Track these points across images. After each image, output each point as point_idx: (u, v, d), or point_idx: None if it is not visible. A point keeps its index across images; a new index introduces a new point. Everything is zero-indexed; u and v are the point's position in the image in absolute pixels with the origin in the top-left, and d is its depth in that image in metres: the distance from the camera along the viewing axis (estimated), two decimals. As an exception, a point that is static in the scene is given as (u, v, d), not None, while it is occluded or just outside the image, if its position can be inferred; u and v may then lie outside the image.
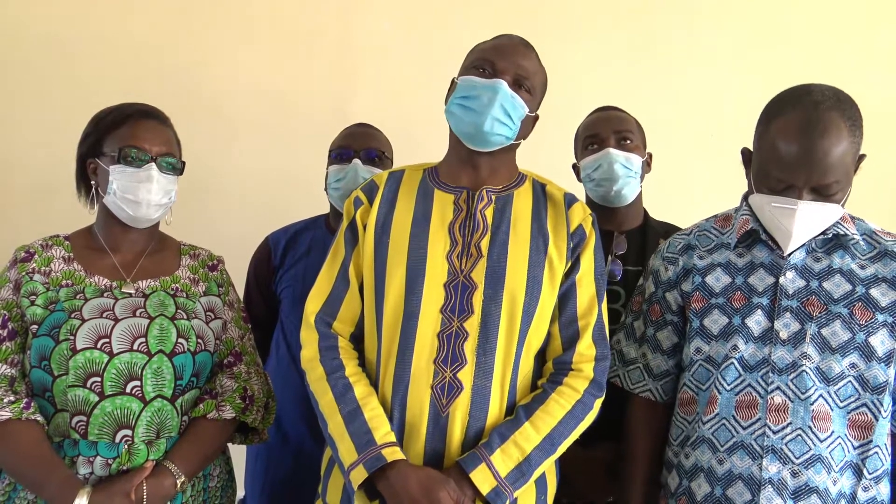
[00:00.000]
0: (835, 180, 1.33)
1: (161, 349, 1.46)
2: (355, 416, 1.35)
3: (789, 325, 1.40)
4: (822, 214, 1.37)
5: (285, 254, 1.96)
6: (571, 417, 1.39)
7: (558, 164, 1.96)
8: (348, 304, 1.47)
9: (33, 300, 1.46)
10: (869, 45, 2.70)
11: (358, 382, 1.40)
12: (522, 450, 1.35)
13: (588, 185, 1.87)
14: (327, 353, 1.43)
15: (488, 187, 1.49)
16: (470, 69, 1.47)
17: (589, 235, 1.49)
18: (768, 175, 1.37)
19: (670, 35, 2.69)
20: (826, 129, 1.30)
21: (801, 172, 1.33)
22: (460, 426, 1.36)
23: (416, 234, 1.44)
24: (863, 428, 1.37)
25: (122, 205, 1.51)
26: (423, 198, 1.49)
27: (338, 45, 2.54)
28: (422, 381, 1.37)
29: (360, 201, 1.51)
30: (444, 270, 1.41)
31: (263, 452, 1.93)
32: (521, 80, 1.45)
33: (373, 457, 1.31)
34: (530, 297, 1.41)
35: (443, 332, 1.39)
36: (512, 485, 1.33)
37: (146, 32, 2.41)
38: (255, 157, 2.46)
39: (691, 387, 1.49)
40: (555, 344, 1.47)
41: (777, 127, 1.36)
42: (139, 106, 1.57)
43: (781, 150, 1.34)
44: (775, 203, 1.37)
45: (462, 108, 1.44)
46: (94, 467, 1.40)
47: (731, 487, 1.38)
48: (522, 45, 1.49)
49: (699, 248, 1.54)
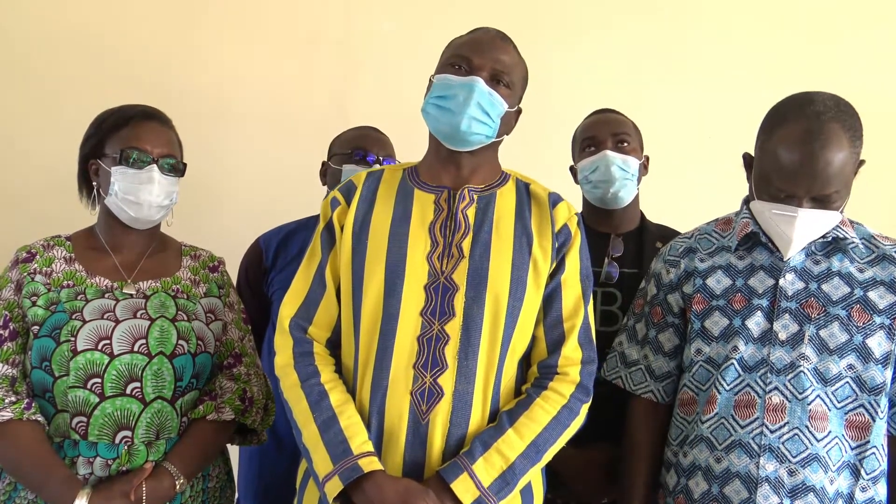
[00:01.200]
0: (835, 190, 1.34)
1: (161, 351, 1.46)
2: (330, 425, 1.29)
3: (788, 327, 1.41)
4: (822, 222, 1.39)
5: (277, 255, 1.93)
6: (557, 424, 1.34)
7: (563, 166, 1.97)
8: (325, 308, 1.41)
9: (35, 301, 1.46)
10: (869, 46, 2.70)
11: (334, 389, 1.35)
12: (506, 458, 1.29)
13: (585, 186, 1.88)
14: (302, 360, 1.37)
15: (470, 186, 1.43)
16: (445, 66, 1.41)
17: (574, 235, 1.44)
18: (770, 183, 1.39)
19: (671, 37, 2.69)
20: (828, 140, 1.31)
21: (802, 183, 1.34)
22: (441, 434, 1.31)
23: (396, 235, 1.39)
24: (860, 428, 1.38)
25: (123, 206, 1.51)
26: (403, 198, 1.44)
27: (338, 46, 2.54)
28: (400, 386, 1.31)
29: (338, 202, 1.45)
30: (425, 272, 1.36)
31: (257, 456, 1.91)
32: (499, 76, 1.39)
33: (348, 467, 1.25)
34: (514, 298, 1.36)
35: (423, 336, 1.33)
36: (496, 495, 1.27)
37: (147, 33, 2.41)
38: (256, 157, 2.45)
39: (691, 387, 1.50)
40: (539, 347, 1.41)
41: (779, 137, 1.37)
42: (141, 107, 1.57)
43: (783, 161, 1.35)
44: (776, 210, 1.39)
45: (438, 109, 1.39)
46: (93, 468, 1.40)
47: (729, 485, 1.39)
48: (499, 38, 1.43)
49: (700, 251, 1.55)
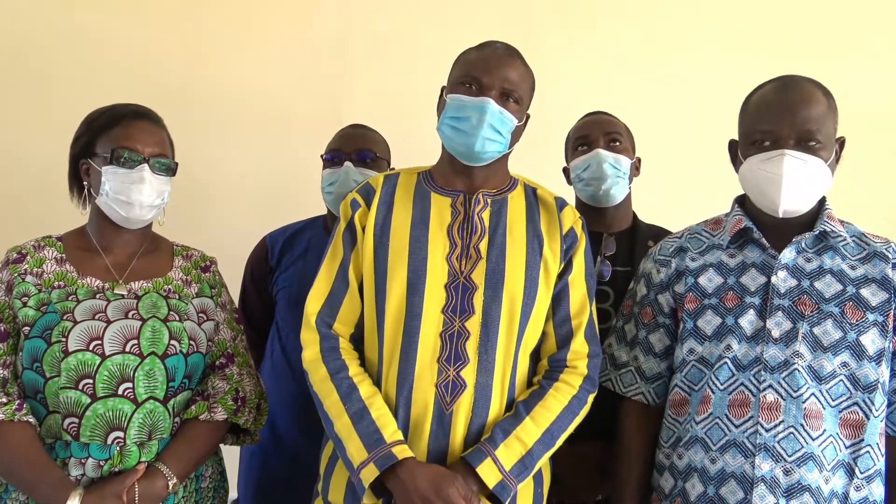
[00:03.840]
0: (816, 129, 1.39)
1: (153, 351, 1.45)
2: (362, 416, 1.37)
3: (781, 324, 1.41)
4: (809, 170, 1.39)
5: (282, 254, 1.95)
6: (569, 412, 1.44)
7: (554, 166, 1.98)
8: (348, 304, 1.49)
9: (25, 301, 1.45)
10: (869, 50, 2.70)
11: (362, 382, 1.43)
12: (524, 444, 1.39)
13: (577, 185, 1.90)
14: (329, 354, 1.45)
15: (484, 191, 1.52)
16: (457, 86, 1.49)
17: (580, 238, 1.54)
18: (753, 132, 1.44)
19: (668, 38, 2.69)
20: (803, 87, 1.42)
21: (784, 120, 1.40)
22: (463, 423, 1.40)
23: (416, 237, 1.47)
24: (854, 427, 1.37)
25: (114, 206, 1.50)
26: (421, 201, 1.52)
27: (334, 46, 2.53)
28: (426, 379, 1.40)
29: (358, 204, 1.53)
30: (445, 272, 1.45)
31: (257, 454, 1.92)
32: (509, 93, 1.47)
33: (383, 455, 1.33)
34: (528, 297, 1.45)
35: (445, 332, 1.42)
36: (516, 477, 1.37)
37: (141, 33, 2.40)
38: (250, 157, 2.45)
39: (683, 388, 1.49)
40: (549, 342, 1.51)
41: (757, 95, 1.47)
42: (132, 107, 1.56)
43: (763, 104, 1.44)
44: (763, 157, 1.41)
45: (453, 130, 1.47)
46: (85, 469, 1.39)
47: (724, 486, 1.38)
48: (507, 54, 1.49)
49: (691, 250, 1.55)
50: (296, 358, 1.78)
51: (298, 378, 1.79)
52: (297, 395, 1.80)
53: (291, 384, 1.84)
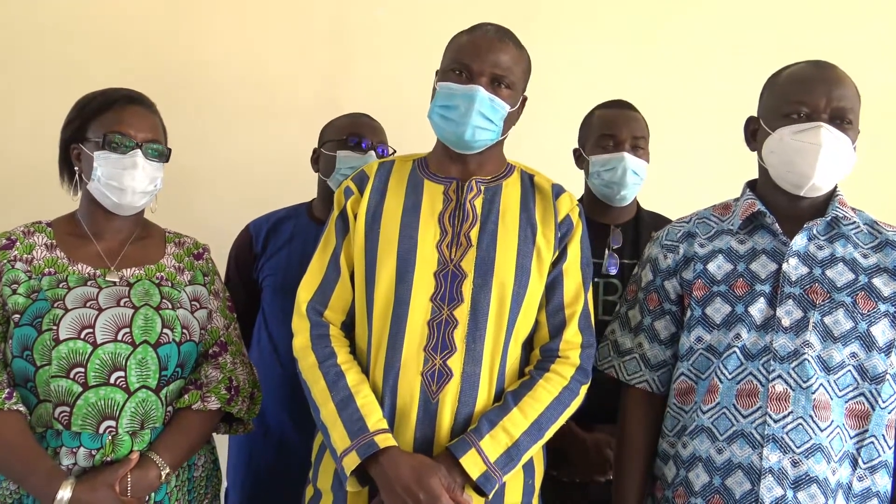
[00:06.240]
0: (850, 107, 1.38)
1: (146, 339, 1.44)
2: (347, 404, 1.37)
3: (791, 313, 1.38)
4: (841, 146, 1.38)
5: (267, 241, 1.95)
6: (559, 403, 1.42)
7: (557, 153, 1.96)
8: (339, 292, 1.48)
9: (15, 289, 1.43)
10: (873, 40, 2.68)
11: (350, 370, 1.42)
12: (511, 435, 1.37)
13: (595, 180, 1.89)
14: (319, 342, 1.45)
15: (477, 178, 1.50)
16: (447, 73, 1.46)
17: (576, 226, 1.51)
18: (786, 104, 1.41)
19: (671, 26, 2.67)
20: (836, 68, 1.42)
21: (821, 93, 1.38)
22: (450, 412, 1.39)
23: (407, 224, 1.46)
24: (859, 417, 1.36)
25: (106, 192, 1.48)
26: (413, 188, 1.51)
27: (330, 33, 2.51)
28: (412, 368, 1.39)
29: (351, 191, 1.52)
30: (434, 260, 1.43)
31: (245, 443, 1.91)
32: (500, 79, 1.43)
33: (365, 443, 1.33)
34: (519, 285, 1.43)
35: (433, 321, 1.41)
36: (501, 469, 1.35)
37: (134, 18, 2.38)
38: (244, 144, 2.43)
39: (689, 376, 1.47)
40: (542, 332, 1.49)
41: (788, 72, 1.45)
42: (125, 91, 1.54)
43: (798, 81, 1.42)
44: (797, 129, 1.39)
45: (442, 119, 1.45)
46: (77, 458, 1.38)
47: (731, 477, 1.36)
48: (497, 38, 1.45)
49: (700, 235, 1.52)
50: (283, 345, 1.78)
51: (286, 366, 1.79)
52: (284, 383, 1.81)
53: (278, 373, 1.84)
